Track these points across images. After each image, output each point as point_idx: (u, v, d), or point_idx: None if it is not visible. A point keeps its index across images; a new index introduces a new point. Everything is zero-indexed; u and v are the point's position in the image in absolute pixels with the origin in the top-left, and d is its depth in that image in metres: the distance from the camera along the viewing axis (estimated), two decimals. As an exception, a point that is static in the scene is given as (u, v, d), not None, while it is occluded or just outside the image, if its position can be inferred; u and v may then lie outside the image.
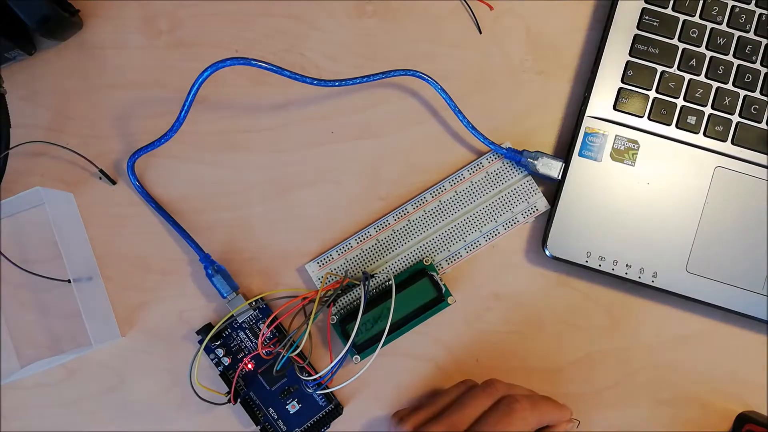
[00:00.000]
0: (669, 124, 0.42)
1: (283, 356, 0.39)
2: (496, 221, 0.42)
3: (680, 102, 0.42)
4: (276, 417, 0.41)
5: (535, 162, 0.42)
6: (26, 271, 0.42)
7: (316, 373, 0.41)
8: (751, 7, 0.42)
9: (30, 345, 0.42)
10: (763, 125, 0.42)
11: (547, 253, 0.41)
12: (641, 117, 0.42)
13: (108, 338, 0.41)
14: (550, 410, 0.38)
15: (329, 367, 0.38)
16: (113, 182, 0.43)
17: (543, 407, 0.37)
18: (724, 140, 0.42)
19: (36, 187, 0.38)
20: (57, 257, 0.42)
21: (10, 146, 0.41)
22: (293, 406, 0.41)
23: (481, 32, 0.37)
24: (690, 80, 0.42)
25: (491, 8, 0.40)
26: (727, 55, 0.42)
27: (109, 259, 0.43)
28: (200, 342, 0.41)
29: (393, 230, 0.42)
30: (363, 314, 0.38)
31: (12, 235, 0.43)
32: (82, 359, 0.42)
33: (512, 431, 0.35)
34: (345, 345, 0.38)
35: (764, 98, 0.42)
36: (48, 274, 0.42)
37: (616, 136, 0.42)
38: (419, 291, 0.41)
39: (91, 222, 0.43)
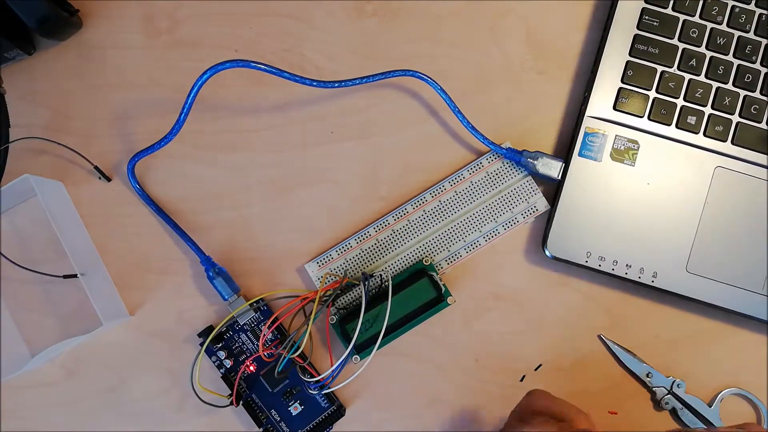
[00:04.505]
0: (669, 124, 0.42)
1: (285, 357, 0.39)
2: (496, 221, 0.42)
3: (680, 102, 0.42)
4: (279, 419, 0.41)
5: (535, 162, 0.42)
6: (26, 268, 0.42)
7: (318, 373, 0.41)
8: (751, 7, 0.42)
9: (39, 336, 0.42)
10: (763, 125, 0.42)
11: (547, 253, 0.41)
12: (641, 117, 0.42)
13: (117, 317, 0.41)
14: None
15: (332, 368, 0.38)
16: (108, 179, 0.43)
17: None
18: (724, 140, 0.42)
19: (25, 174, 0.38)
20: (56, 250, 0.42)
21: (9, 141, 0.41)
22: (296, 408, 0.41)
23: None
24: (690, 80, 0.42)
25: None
26: (727, 55, 0.42)
27: (108, 258, 0.43)
28: (201, 344, 0.40)
29: (393, 230, 0.42)
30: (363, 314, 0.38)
31: (10, 229, 0.43)
32: (83, 359, 0.42)
33: None
34: (344, 345, 0.38)
35: (764, 98, 0.42)
36: (49, 264, 0.42)
37: (616, 136, 0.42)
38: (419, 291, 0.41)
39: (91, 221, 0.43)
